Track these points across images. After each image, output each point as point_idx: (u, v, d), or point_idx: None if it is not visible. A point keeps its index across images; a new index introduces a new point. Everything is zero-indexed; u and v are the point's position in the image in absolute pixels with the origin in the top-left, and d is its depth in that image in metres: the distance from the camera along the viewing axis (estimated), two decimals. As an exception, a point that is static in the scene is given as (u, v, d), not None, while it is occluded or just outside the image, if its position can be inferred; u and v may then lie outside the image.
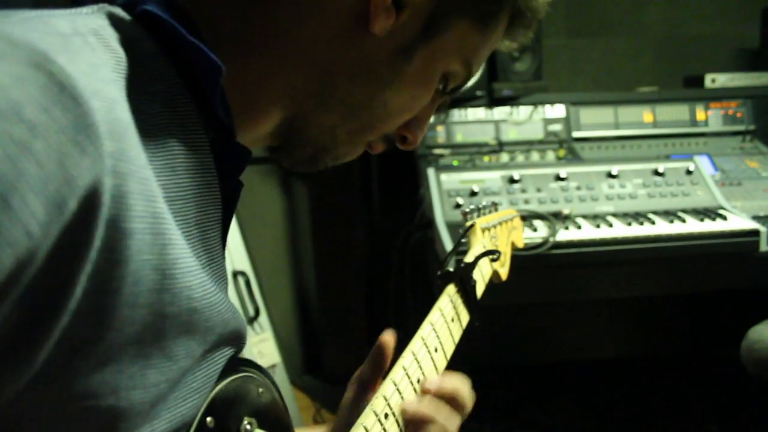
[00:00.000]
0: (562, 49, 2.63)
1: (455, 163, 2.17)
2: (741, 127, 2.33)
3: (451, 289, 0.84)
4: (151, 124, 0.45)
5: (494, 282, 1.05)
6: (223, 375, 0.51)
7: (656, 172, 1.89)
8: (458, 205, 1.77)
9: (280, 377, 2.10)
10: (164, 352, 0.43)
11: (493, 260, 0.90)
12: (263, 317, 2.09)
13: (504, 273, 1.06)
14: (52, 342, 0.37)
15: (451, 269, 0.85)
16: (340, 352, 2.56)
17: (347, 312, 2.57)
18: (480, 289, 0.92)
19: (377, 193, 2.37)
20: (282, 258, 2.60)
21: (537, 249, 1.57)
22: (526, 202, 1.79)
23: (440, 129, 2.26)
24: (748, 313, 1.74)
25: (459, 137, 2.27)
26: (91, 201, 0.37)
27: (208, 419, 0.49)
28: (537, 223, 1.69)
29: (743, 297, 2.10)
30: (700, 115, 2.34)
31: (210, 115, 0.51)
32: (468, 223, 0.99)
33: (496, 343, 2.27)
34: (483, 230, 1.00)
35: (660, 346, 2.43)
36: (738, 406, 2.20)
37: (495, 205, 1.11)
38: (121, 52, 0.45)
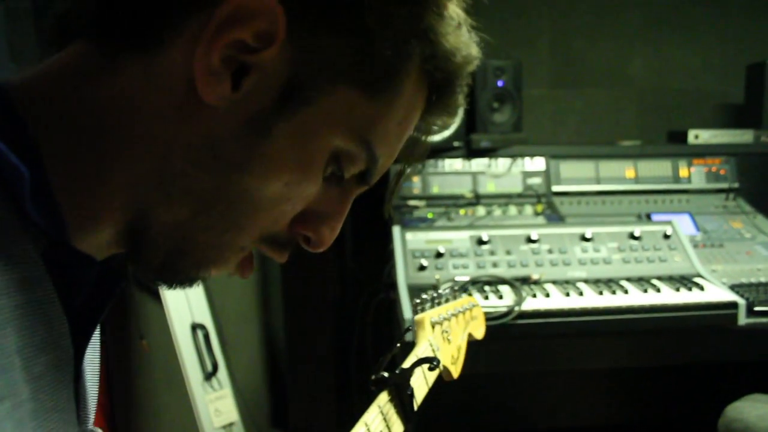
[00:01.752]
0: (545, 100, 2.59)
1: (430, 215, 2.10)
2: (724, 185, 2.27)
3: (382, 398, 0.75)
4: None
5: (444, 379, 0.97)
6: None
7: (632, 236, 1.82)
8: (423, 267, 1.69)
9: (238, 437, 2.01)
10: None
11: (430, 369, 0.82)
12: (222, 373, 2.00)
13: (456, 370, 0.98)
14: None
15: (385, 375, 0.77)
16: (308, 406, 2.47)
17: (316, 365, 2.48)
18: (422, 394, 0.83)
19: (350, 243, 2.30)
20: (251, 307, 2.52)
21: (502, 319, 1.49)
22: (495, 265, 1.71)
23: (416, 180, 2.20)
24: (725, 387, 1.66)
25: (435, 189, 2.21)
26: None
27: None
28: (503, 289, 1.61)
29: (721, 371, 2.01)
30: (683, 171, 2.29)
31: (39, 223, 0.44)
32: (417, 318, 0.91)
33: (462, 411, 2.18)
34: (433, 325, 0.92)
35: (634, 417, 2.33)
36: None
37: (454, 292, 1.04)
38: None
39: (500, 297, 1.56)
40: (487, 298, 1.55)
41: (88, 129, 0.47)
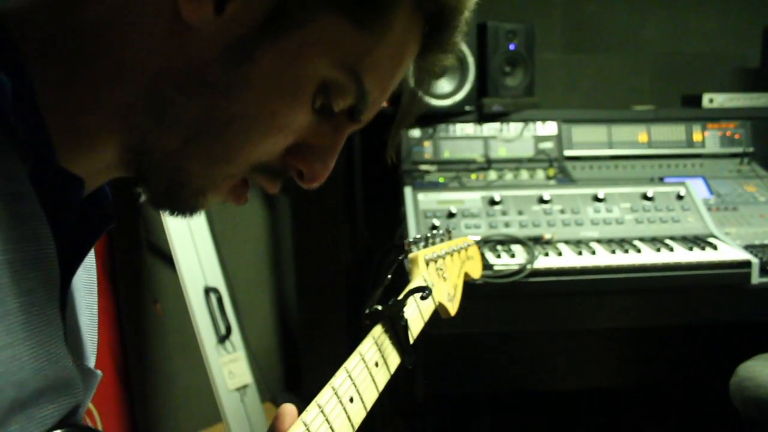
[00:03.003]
0: (557, 65, 2.56)
1: (441, 180, 2.10)
2: (739, 149, 2.25)
3: (377, 330, 0.76)
4: None
5: (442, 317, 0.98)
6: None
7: (645, 197, 1.81)
8: (434, 227, 1.69)
9: (251, 398, 2.03)
10: None
11: (422, 297, 0.82)
12: (236, 336, 2.02)
13: (453, 307, 0.98)
14: None
15: (379, 307, 0.78)
16: (320, 370, 2.49)
17: (328, 329, 2.50)
18: (417, 327, 0.84)
19: (361, 208, 2.30)
20: (263, 273, 2.53)
21: (513, 276, 1.49)
22: (507, 225, 1.71)
23: (427, 145, 2.19)
24: (738, 347, 1.66)
25: (446, 153, 2.20)
26: None
27: None
28: (515, 248, 1.61)
29: (733, 330, 2.01)
30: (697, 135, 2.27)
31: (24, 139, 0.44)
32: (411, 255, 0.92)
33: (474, 371, 2.19)
34: (427, 262, 0.93)
35: (647, 377, 2.33)
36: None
37: (449, 233, 1.04)
38: None
39: (512, 256, 1.56)
40: (499, 256, 1.55)
41: (78, 53, 0.47)
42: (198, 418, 2.33)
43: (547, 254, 1.58)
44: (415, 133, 2.17)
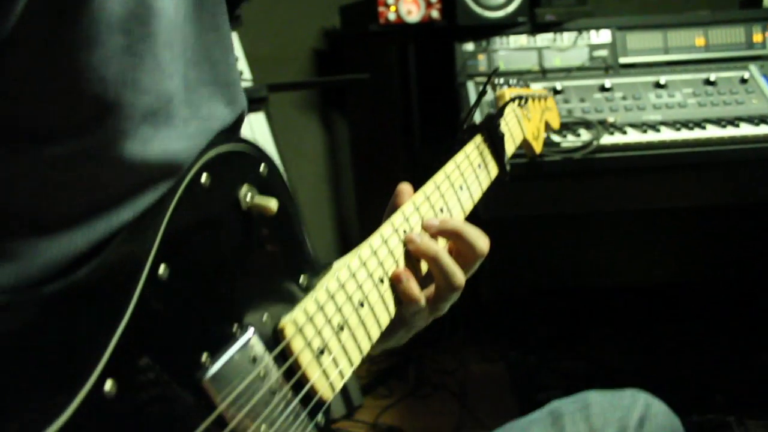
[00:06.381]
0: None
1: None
2: (802, 48, 2.21)
3: (477, 138, 0.81)
4: None
5: (527, 154, 1.03)
6: (222, 141, 0.49)
7: (708, 81, 1.81)
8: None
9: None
10: (155, 59, 0.42)
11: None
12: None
13: (538, 145, 1.03)
14: None
15: (477, 122, 0.83)
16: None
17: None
18: (510, 150, 0.89)
19: (418, 124, 2.34)
20: (323, 194, 2.60)
21: (580, 151, 1.52)
22: (570, 112, 1.74)
23: (481, 58, 2.21)
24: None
25: (501, 65, 2.21)
26: None
27: (204, 175, 0.46)
28: (581, 130, 1.64)
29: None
30: (757, 36, 2.22)
31: None
32: (499, 92, 0.96)
33: (539, 267, 2.23)
34: (513, 99, 0.97)
35: (713, 269, 2.34)
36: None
37: (527, 84, 1.08)
38: None
39: (578, 136, 1.59)
40: (565, 137, 1.58)
41: None
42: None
43: (612, 133, 1.60)
44: (469, 46, 2.19)
